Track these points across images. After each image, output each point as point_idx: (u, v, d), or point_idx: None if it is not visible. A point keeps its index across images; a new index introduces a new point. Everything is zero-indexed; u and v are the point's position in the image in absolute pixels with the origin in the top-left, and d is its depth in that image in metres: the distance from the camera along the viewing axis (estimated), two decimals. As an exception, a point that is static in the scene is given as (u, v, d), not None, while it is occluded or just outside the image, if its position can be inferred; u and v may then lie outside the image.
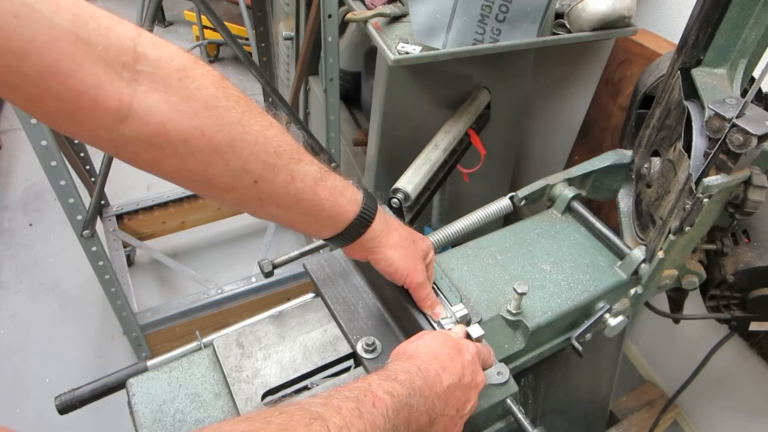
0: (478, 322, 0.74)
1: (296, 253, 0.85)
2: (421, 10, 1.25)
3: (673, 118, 0.89)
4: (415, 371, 0.57)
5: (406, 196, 1.35)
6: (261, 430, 0.42)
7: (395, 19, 1.37)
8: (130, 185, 2.67)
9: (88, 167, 1.99)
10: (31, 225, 2.44)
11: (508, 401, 0.70)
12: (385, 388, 0.52)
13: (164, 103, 0.48)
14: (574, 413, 1.23)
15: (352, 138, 2.09)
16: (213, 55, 3.61)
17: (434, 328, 0.72)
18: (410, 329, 0.74)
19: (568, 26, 1.43)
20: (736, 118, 0.69)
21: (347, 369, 0.79)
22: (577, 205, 0.99)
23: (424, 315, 0.73)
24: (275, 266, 0.83)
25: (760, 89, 0.88)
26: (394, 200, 1.34)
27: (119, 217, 2.09)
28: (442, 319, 0.72)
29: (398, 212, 1.35)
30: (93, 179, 1.98)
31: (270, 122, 0.59)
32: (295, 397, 0.50)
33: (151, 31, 0.51)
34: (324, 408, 0.46)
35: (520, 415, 0.69)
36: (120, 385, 0.74)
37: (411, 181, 1.37)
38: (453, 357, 0.61)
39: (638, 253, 0.87)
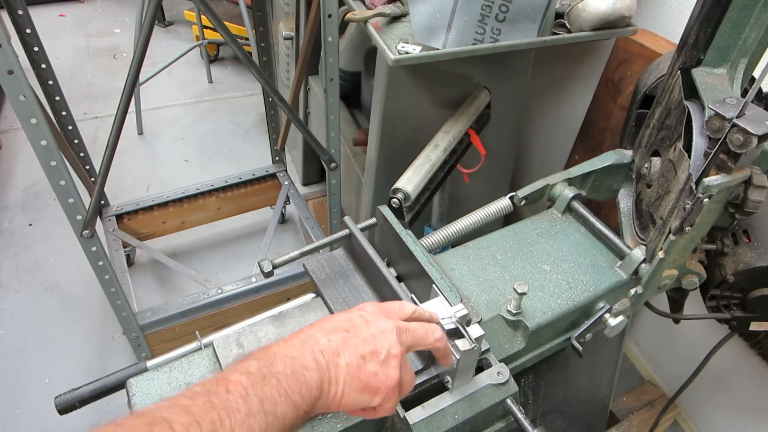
0: (478, 322, 0.73)
1: (296, 253, 0.85)
2: (421, 10, 1.25)
3: (674, 118, 0.89)
4: (273, 345, 0.54)
5: (406, 196, 1.35)
6: None
7: (395, 18, 1.37)
8: (130, 185, 2.67)
9: (88, 167, 1.99)
10: (30, 225, 2.44)
11: (508, 401, 0.70)
12: (239, 369, 0.50)
13: None
14: (574, 413, 1.23)
15: (352, 138, 2.09)
16: (213, 55, 3.62)
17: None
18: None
19: (568, 26, 1.43)
20: (737, 118, 0.69)
21: (347, 369, 0.78)
22: (577, 205, 0.99)
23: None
24: (275, 266, 0.83)
25: (760, 89, 0.88)
26: (394, 200, 1.34)
27: (119, 217, 2.09)
28: (442, 319, 0.72)
29: (398, 212, 1.35)
30: (93, 179, 1.98)
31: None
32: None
33: (150, 31, 0.49)
34: (169, 411, 0.44)
35: (520, 415, 0.69)
36: (120, 385, 0.74)
37: (411, 181, 1.37)
38: (333, 317, 0.59)
39: (638, 253, 0.87)
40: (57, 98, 1.76)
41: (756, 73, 0.83)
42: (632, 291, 0.90)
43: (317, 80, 2.26)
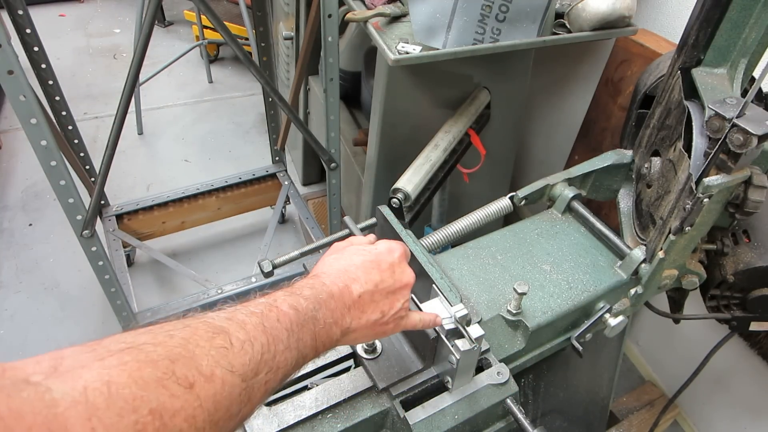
0: (478, 322, 0.73)
1: (296, 253, 0.85)
2: (421, 10, 1.25)
3: (674, 118, 0.89)
4: (320, 286, 0.58)
5: (406, 196, 1.35)
6: (163, 343, 0.40)
7: (395, 18, 1.37)
8: (130, 185, 2.67)
9: (87, 167, 1.99)
10: (30, 225, 2.44)
11: (508, 401, 0.70)
12: (290, 302, 0.53)
13: None
14: (574, 413, 1.23)
15: (352, 138, 2.09)
16: (213, 55, 3.62)
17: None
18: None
19: (568, 26, 1.43)
20: (737, 118, 0.69)
21: (347, 369, 0.79)
22: (577, 205, 0.99)
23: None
24: (275, 266, 0.83)
25: (760, 89, 0.88)
26: (394, 200, 1.34)
27: (119, 217, 2.09)
28: (442, 319, 0.72)
29: (398, 212, 1.35)
30: (93, 179, 1.98)
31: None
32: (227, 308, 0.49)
33: (150, 31, 0.49)
34: (228, 322, 0.46)
35: (520, 415, 0.69)
36: (120, 385, 0.74)
37: (411, 181, 1.37)
38: (367, 267, 0.63)
39: (638, 253, 0.87)
40: (57, 98, 1.76)
41: (756, 73, 0.83)
42: (632, 291, 0.90)
43: (317, 80, 2.26)
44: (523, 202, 0.99)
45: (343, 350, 0.78)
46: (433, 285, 0.76)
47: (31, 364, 0.35)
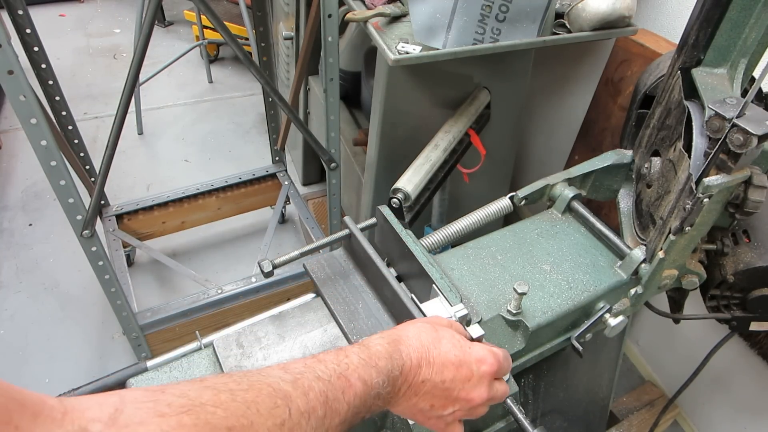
0: (478, 322, 0.74)
1: (296, 253, 0.85)
2: (421, 10, 1.25)
3: (674, 118, 0.89)
4: (398, 358, 0.55)
5: (406, 196, 1.35)
6: (224, 404, 0.40)
7: (395, 18, 1.37)
8: (130, 185, 2.67)
9: (87, 167, 1.99)
10: (30, 225, 2.44)
11: (508, 401, 0.70)
12: (361, 374, 0.51)
13: None
14: (574, 413, 1.23)
15: (352, 138, 2.09)
16: (213, 55, 3.62)
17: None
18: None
19: (568, 26, 1.43)
20: (737, 117, 0.69)
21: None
22: (577, 205, 0.99)
23: (425, 316, 0.73)
24: (275, 266, 0.83)
25: (760, 89, 0.88)
26: (394, 200, 1.34)
27: (119, 217, 2.09)
28: (442, 319, 0.72)
29: (398, 212, 1.35)
30: (93, 179, 1.98)
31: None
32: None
33: (150, 31, 0.49)
34: (293, 387, 0.45)
35: (520, 415, 0.69)
36: (120, 385, 0.74)
37: (411, 181, 1.37)
38: (448, 359, 0.58)
39: (638, 253, 0.87)
40: (57, 98, 1.76)
41: (756, 73, 0.83)
42: (632, 291, 0.90)
43: (317, 80, 2.26)
44: (523, 202, 0.99)
45: (343, 350, 0.78)
46: (433, 285, 0.76)
47: (94, 407, 0.35)
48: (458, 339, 0.62)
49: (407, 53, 1.26)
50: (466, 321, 0.73)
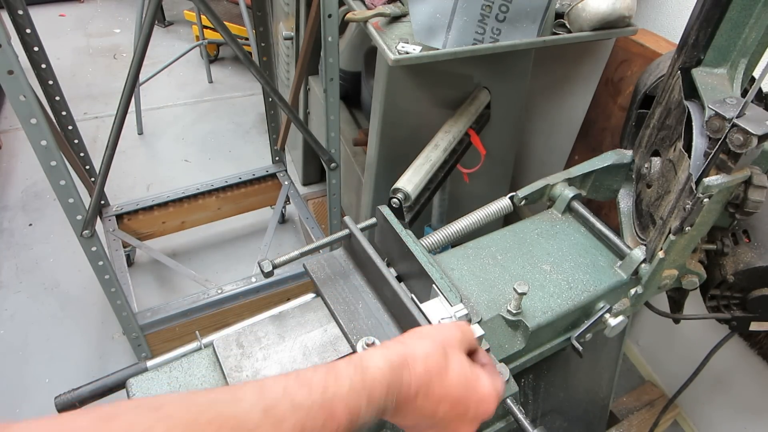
0: (478, 322, 0.73)
1: (296, 253, 0.85)
2: (421, 10, 1.25)
3: (674, 118, 0.89)
4: (397, 386, 0.51)
5: (406, 196, 1.35)
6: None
7: (395, 18, 1.37)
8: (130, 185, 2.67)
9: (87, 167, 1.99)
10: (30, 225, 2.44)
11: (508, 401, 0.70)
12: (349, 404, 0.46)
13: None
14: (574, 413, 1.23)
15: (352, 138, 2.09)
16: (213, 55, 3.62)
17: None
18: (410, 329, 0.74)
19: (568, 26, 1.43)
20: (737, 117, 0.69)
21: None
22: (577, 205, 0.99)
23: (425, 316, 0.73)
24: (275, 266, 0.83)
25: (760, 89, 0.88)
26: (394, 200, 1.34)
27: (119, 217, 2.09)
28: (442, 319, 0.72)
29: (398, 212, 1.35)
30: (93, 179, 1.98)
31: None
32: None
33: (150, 31, 0.48)
34: (263, 416, 0.42)
35: (520, 415, 0.69)
36: (120, 385, 0.74)
37: (411, 181, 1.37)
38: (451, 385, 0.55)
39: (638, 253, 0.87)
40: (57, 98, 1.76)
41: (756, 73, 0.83)
42: (632, 291, 0.90)
43: (317, 80, 2.26)
44: (523, 202, 0.99)
45: (343, 350, 0.78)
46: (433, 285, 0.76)
47: None
48: (467, 370, 0.57)
49: (407, 53, 1.26)
50: (466, 321, 0.73)
